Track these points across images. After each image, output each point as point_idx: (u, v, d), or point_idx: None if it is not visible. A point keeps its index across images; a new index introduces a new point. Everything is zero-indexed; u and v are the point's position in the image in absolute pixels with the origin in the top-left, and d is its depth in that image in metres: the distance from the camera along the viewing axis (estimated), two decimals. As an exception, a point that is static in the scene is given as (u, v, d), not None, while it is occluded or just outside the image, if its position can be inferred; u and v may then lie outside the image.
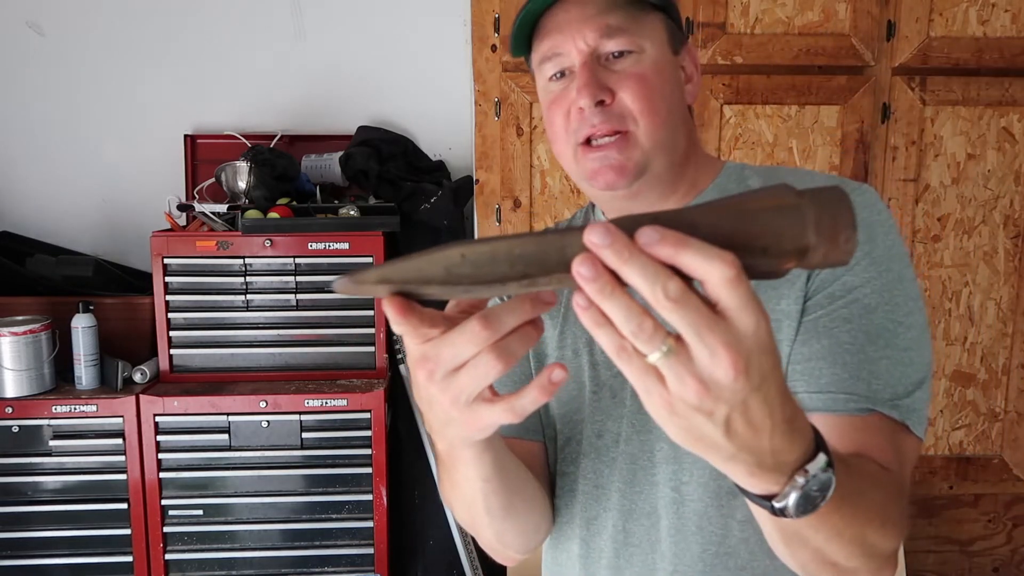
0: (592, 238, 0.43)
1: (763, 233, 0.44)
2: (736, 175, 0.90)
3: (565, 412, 0.91)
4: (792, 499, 0.52)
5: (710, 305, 0.44)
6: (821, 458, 0.52)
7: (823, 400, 0.74)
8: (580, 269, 0.43)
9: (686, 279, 0.43)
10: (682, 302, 0.42)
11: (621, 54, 0.82)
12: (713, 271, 0.42)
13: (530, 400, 0.51)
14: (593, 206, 0.98)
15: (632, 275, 0.43)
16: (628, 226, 0.44)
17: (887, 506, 0.65)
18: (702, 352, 0.43)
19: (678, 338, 0.44)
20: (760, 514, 0.58)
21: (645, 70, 0.82)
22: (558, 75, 0.84)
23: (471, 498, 0.75)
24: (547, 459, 0.94)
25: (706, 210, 0.45)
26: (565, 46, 0.82)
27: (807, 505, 0.52)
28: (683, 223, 0.44)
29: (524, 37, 0.87)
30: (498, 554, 0.90)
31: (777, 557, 0.69)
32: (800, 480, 0.51)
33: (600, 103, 0.81)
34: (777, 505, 0.52)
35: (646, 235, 0.43)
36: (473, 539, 2.10)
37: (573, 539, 0.91)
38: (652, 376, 0.45)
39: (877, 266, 0.77)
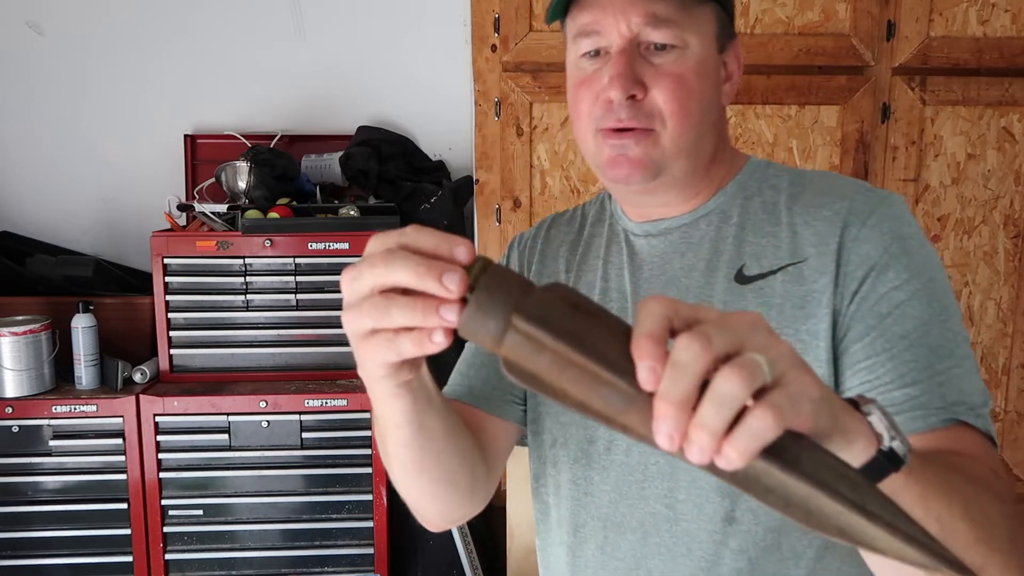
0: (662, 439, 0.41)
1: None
2: (759, 172, 0.87)
3: (555, 412, 0.88)
4: (886, 434, 0.49)
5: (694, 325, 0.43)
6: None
7: (901, 423, 0.68)
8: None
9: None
10: (705, 339, 0.41)
11: (663, 47, 0.77)
12: (653, 317, 0.43)
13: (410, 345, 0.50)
14: (609, 196, 0.94)
15: (685, 382, 0.41)
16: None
17: (990, 480, 0.61)
18: (761, 337, 0.43)
19: (726, 359, 0.42)
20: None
21: (685, 70, 0.78)
22: (592, 53, 0.80)
23: (385, 437, 0.72)
24: (503, 440, 0.90)
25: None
26: (606, 25, 0.78)
27: (898, 433, 0.50)
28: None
29: (563, 3, 0.81)
30: (419, 515, 0.86)
31: None
32: (869, 408, 0.50)
33: (631, 97, 0.77)
34: (886, 446, 0.49)
35: (646, 343, 0.42)
36: (473, 539, 2.09)
37: (561, 544, 0.88)
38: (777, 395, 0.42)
39: (920, 277, 0.74)
